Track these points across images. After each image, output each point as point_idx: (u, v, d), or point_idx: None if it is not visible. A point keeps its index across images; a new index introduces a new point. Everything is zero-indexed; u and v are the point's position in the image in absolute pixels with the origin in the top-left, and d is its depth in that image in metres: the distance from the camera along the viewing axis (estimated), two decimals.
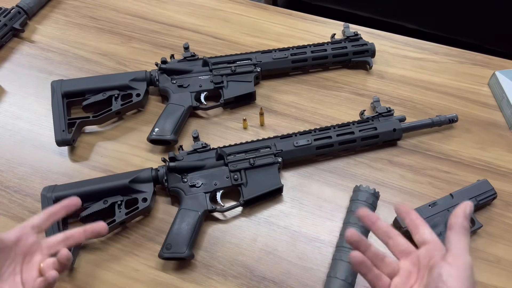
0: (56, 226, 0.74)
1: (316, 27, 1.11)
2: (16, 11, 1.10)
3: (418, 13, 1.78)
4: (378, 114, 0.87)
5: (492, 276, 0.73)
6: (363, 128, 0.85)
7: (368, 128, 0.85)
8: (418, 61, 1.03)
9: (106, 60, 1.05)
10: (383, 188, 0.82)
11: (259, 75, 0.97)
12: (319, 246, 0.77)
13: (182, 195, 0.79)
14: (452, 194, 0.78)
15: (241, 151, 0.83)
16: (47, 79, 0.96)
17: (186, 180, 0.80)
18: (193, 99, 0.92)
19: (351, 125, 0.86)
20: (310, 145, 0.83)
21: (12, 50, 1.08)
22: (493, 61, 1.03)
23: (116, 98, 0.91)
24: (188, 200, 0.78)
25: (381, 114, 0.87)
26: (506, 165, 0.86)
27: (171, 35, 1.10)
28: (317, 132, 0.85)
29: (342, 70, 1.02)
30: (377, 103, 0.89)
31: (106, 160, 0.89)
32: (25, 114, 0.97)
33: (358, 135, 0.84)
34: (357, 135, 0.84)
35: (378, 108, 0.88)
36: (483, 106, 0.95)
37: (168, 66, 0.94)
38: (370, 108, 0.93)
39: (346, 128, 0.85)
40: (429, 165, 0.86)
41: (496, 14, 1.64)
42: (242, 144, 0.84)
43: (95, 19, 1.14)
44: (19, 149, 0.91)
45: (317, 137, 0.84)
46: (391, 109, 0.87)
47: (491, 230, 0.78)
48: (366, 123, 0.86)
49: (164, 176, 0.80)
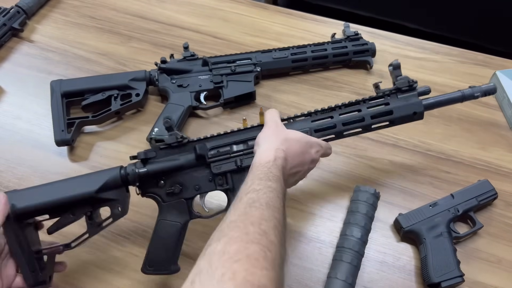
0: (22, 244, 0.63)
1: (316, 27, 1.10)
2: (15, 11, 1.10)
3: (419, 13, 1.77)
4: (396, 88, 0.71)
5: (492, 276, 0.73)
6: (375, 113, 0.70)
7: (381, 113, 0.70)
8: (419, 61, 1.03)
9: (105, 59, 1.05)
10: (383, 188, 0.82)
11: (259, 75, 0.97)
12: (319, 246, 0.77)
13: (160, 203, 0.68)
14: (453, 194, 0.78)
15: (226, 144, 0.68)
16: (47, 79, 0.96)
17: (162, 184, 0.67)
18: (192, 99, 0.92)
19: (361, 103, 0.72)
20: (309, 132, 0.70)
21: (11, 50, 1.08)
22: (494, 60, 1.02)
23: (116, 98, 0.91)
24: (166, 209, 0.67)
25: (400, 89, 0.71)
26: (507, 165, 0.85)
27: (171, 34, 1.10)
28: (319, 115, 0.71)
29: (343, 70, 1.01)
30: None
31: (105, 160, 0.88)
32: (24, 114, 0.96)
33: (368, 122, 0.70)
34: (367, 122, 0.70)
35: (398, 82, 0.71)
36: (483, 106, 0.95)
37: (168, 66, 0.94)
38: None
39: (353, 107, 0.71)
40: (430, 165, 0.86)
41: (497, 14, 1.64)
42: (227, 134, 0.70)
43: (94, 19, 1.14)
44: (18, 149, 0.91)
45: (316, 118, 0.71)
46: (413, 82, 0.71)
47: (491, 230, 0.78)
48: (379, 100, 0.71)
49: (136, 181, 0.66)
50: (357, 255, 0.71)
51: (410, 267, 0.74)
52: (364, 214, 0.74)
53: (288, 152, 0.63)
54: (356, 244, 0.71)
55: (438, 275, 0.70)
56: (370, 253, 0.75)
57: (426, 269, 0.71)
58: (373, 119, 0.71)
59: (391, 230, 0.78)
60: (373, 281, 0.73)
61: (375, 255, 0.75)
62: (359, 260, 0.71)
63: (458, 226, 0.77)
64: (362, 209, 0.75)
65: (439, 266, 0.70)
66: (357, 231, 0.73)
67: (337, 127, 0.71)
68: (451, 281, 0.69)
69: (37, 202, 0.63)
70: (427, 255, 0.72)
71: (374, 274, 0.74)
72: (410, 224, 0.75)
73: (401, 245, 0.77)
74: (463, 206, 0.76)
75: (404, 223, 0.75)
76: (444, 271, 0.70)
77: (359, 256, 0.71)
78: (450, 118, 0.92)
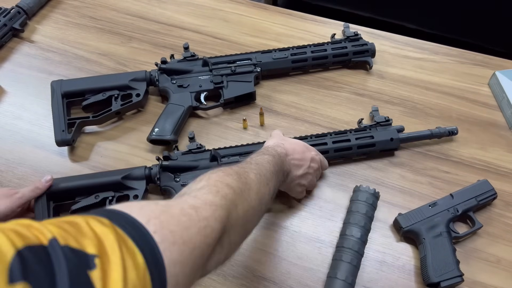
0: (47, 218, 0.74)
1: (316, 27, 1.11)
2: (16, 11, 1.10)
3: (419, 13, 1.77)
4: (376, 123, 0.86)
5: (492, 276, 0.73)
6: (360, 136, 0.84)
7: (365, 137, 0.84)
8: (418, 61, 1.03)
9: (106, 60, 1.05)
10: (383, 188, 0.82)
11: (259, 75, 0.97)
12: (319, 246, 0.77)
13: (174, 194, 0.78)
14: (452, 194, 0.78)
15: (236, 153, 0.82)
16: (47, 79, 0.96)
17: (178, 180, 0.80)
18: (193, 99, 0.92)
19: (348, 132, 0.85)
20: None
21: (12, 50, 1.08)
22: (493, 61, 1.02)
23: (116, 98, 0.91)
24: None
25: (379, 123, 0.86)
26: (506, 165, 0.86)
27: (171, 35, 1.10)
28: (313, 139, 0.84)
29: (342, 70, 1.01)
30: (376, 112, 0.88)
31: (106, 160, 0.89)
32: (25, 114, 0.97)
33: (354, 143, 0.83)
34: (353, 143, 0.83)
35: (377, 118, 0.87)
36: (483, 106, 0.95)
37: (168, 66, 0.94)
38: (369, 117, 0.92)
39: (342, 136, 0.84)
40: (429, 165, 0.86)
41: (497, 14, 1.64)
42: (238, 147, 0.84)
43: (95, 19, 1.14)
44: (18, 149, 0.91)
45: (313, 143, 0.82)
46: (389, 119, 0.86)
47: (491, 230, 0.78)
48: (363, 131, 0.85)
49: (157, 174, 0.80)
50: (357, 255, 0.71)
51: (410, 267, 0.75)
52: (363, 214, 0.75)
53: (287, 146, 0.73)
54: (355, 244, 0.72)
55: (437, 275, 0.70)
56: (370, 253, 0.76)
57: (425, 269, 0.71)
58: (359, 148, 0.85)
59: (390, 230, 0.79)
60: (373, 281, 0.73)
61: (374, 255, 0.76)
62: (358, 260, 0.72)
63: (457, 226, 0.77)
64: (362, 209, 0.75)
65: (439, 266, 0.70)
66: (356, 231, 0.73)
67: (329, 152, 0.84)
68: (450, 280, 0.69)
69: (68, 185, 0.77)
70: (427, 255, 0.72)
71: (373, 273, 0.74)
72: (409, 224, 0.75)
73: (400, 245, 0.77)
74: (463, 206, 0.76)
75: (403, 223, 0.76)
76: (443, 271, 0.70)
77: (358, 256, 0.72)
78: (450, 118, 0.93)
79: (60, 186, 0.77)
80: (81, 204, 0.77)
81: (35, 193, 0.75)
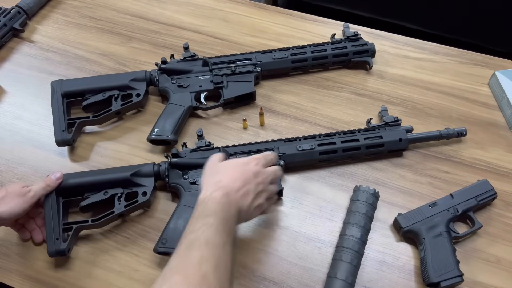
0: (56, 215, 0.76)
1: (316, 27, 1.11)
2: (16, 11, 1.10)
3: (418, 13, 1.77)
4: (385, 123, 0.86)
5: (491, 276, 0.73)
6: (369, 136, 0.84)
7: (373, 137, 0.84)
8: (418, 61, 1.03)
9: (106, 60, 1.05)
10: (383, 188, 0.82)
11: (259, 75, 0.97)
12: (319, 246, 0.77)
13: (182, 192, 0.79)
14: (452, 194, 0.78)
15: (244, 151, 0.83)
16: (47, 79, 0.96)
17: (187, 177, 0.80)
18: (193, 99, 0.92)
19: (357, 132, 0.85)
20: (313, 150, 0.82)
21: (12, 50, 1.08)
22: (493, 61, 1.02)
23: (116, 98, 0.91)
24: (187, 196, 0.78)
25: (388, 123, 0.86)
26: (506, 165, 0.86)
27: (171, 35, 1.10)
28: (322, 138, 0.84)
29: (342, 70, 1.01)
30: (385, 112, 0.88)
31: (106, 160, 0.89)
32: (25, 114, 0.97)
33: (363, 143, 0.83)
34: (362, 143, 0.83)
35: (386, 118, 0.86)
36: (483, 106, 0.95)
37: (168, 66, 0.94)
38: (378, 117, 0.92)
39: (351, 135, 0.84)
40: (429, 165, 0.86)
41: (497, 14, 1.64)
42: (246, 145, 0.84)
43: (95, 19, 1.14)
44: (19, 149, 0.91)
45: (321, 142, 0.83)
46: (398, 119, 0.86)
47: (491, 230, 0.78)
48: (372, 131, 0.85)
49: (165, 171, 0.80)
50: (357, 255, 0.71)
51: (410, 266, 0.75)
52: (363, 214, 0.75)
53: (223, 180, 0.65)
54: (355, 244, 0.72)
55: (437, 275, 0.70)
56: (370, 252, 0.76)
57: (425, 268, 0.71)
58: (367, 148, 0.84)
59: (390, 230, 0.79)
60: (373, 281, 0.73)
61: (374, 255, 0.76)
62: (358, 260, 0.72)
63: (457, 226, 0.77)
64: (362, 209, 0.75)
65: (439, 266, 0.70)
66: (356, 231, 0.73)
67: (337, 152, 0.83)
68: (450, 280, 0.69)
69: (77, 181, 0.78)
70: (427, 255, 0.72)
71: (373, 273, 0.74)
72: (409, 224, 0.75)
73: (400, 245, 0.77)
74: (463, 206, 0.76)
75: (403, 223, 0.76)
76: (443, 271, 0.70)
77: (358, 255, 0.72)
78: (450, 118, 0.93)
79: (69, 182, 0.78)
80: (90, 200, 0.77)
81: (46, 191, 0.76)
